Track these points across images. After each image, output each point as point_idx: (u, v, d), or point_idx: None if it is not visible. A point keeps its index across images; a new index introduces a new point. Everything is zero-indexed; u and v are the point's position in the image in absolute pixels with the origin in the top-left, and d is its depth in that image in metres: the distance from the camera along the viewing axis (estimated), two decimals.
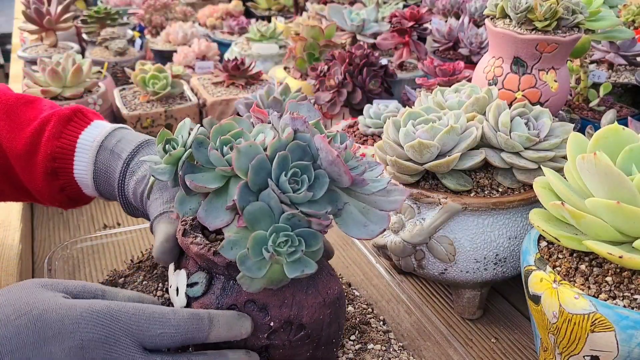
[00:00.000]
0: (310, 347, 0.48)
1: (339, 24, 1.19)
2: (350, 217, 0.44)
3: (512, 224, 0.59)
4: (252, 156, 0.41)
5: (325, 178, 0.42)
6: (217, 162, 0.44)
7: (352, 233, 0.44)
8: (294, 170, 0.42)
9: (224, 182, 0.44)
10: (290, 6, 1.91)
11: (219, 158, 0.43)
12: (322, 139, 0.42)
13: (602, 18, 0.75)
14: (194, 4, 1.97)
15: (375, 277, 0.66)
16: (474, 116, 0.62)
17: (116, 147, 0.60)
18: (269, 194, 0.41)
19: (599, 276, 0.46)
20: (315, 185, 0.42)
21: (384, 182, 0.46)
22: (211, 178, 0.44)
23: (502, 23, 0.68)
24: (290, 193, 0.41)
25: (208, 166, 0.45)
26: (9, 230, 0.77)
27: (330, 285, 0.49)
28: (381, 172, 0.48)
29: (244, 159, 0.42)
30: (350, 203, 0.45)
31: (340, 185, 0.43)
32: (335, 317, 0.49)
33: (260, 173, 0.42)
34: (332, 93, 0.99)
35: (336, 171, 0.42)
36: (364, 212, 0.45)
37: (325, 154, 0.42)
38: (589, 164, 0.44)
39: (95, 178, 0.61)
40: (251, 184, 0.42)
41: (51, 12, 1.31)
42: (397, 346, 0.58)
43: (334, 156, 0.41)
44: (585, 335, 0.45)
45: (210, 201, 0.45)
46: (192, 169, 0.45)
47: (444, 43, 1.25)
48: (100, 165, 0.60)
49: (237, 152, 0.41)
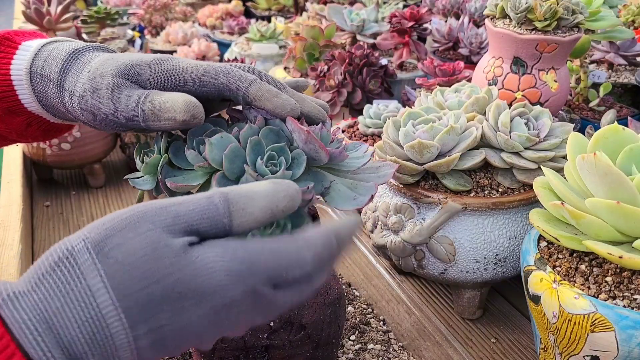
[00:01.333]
0: (310, 347, 0.48)
1: (338, 24, 1.19)
2: (338, 194, 0.44)
3: (512, 224, 0.59)
4: (224, 146, 0.42)
5: (302, 156, 0.43)
6: (195, 160, 0.44)
7: (340, 206, 0.44)
8: (270, 154, 0.42)
9: (205, 179, 0.45)
10: (290, 6, 1.91)
11: (195, 156, 0.44)
12: (292, 120, 0.43)
13: (602, 18, 0.75)
14: (193, 4, 1.97)
15: (375, 277, 0.66)
16: (474, 116, 0.62)
17: (43, 69, 0.52)
18: (246, 179, 0.42)
19: (599, 276, 0.46)
20: (293, 165, 0.43)
21: (367, 156, 0.46)
22: (192, 177, 0.45)
23: (502, 23, 0.68)
24: (269, 175, 0.42)
25: (188, 167, 0.45)
26: (9, 230, 0.77)
27: (331, 286, 0.49)
28: (365, 149, 0.48)
29: (217, 150, 0.42)
30: (337, 181, 0.45)
31: (319, 162, 0.43)
32: (335, 318, 0.49)
33: (235, 161, 0.42)
34: (332, 93, 0.99)
35: (312, 149, 0.42)
36: (352, 187, 0.45)
37: (298, 133, 0.42)
38: (589, 164, 0.44)
39: (44, 107, 0.53)
40: (228, 173, 0.42)
41: (51, 12, 1.31)
42: (397, 346, 0.58)
43: (306, 134, 0.42)
44: (585, 336, 0.45)
45: None
46: (172, 173, 0.45)
47: (443, 43, 1.25)
48: (39, 93, 0.52)
49: (209, 145, 0.42)
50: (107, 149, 1.00)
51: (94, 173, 1.00)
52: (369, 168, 0.47)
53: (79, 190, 1.00)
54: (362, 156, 0.46)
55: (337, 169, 0.45)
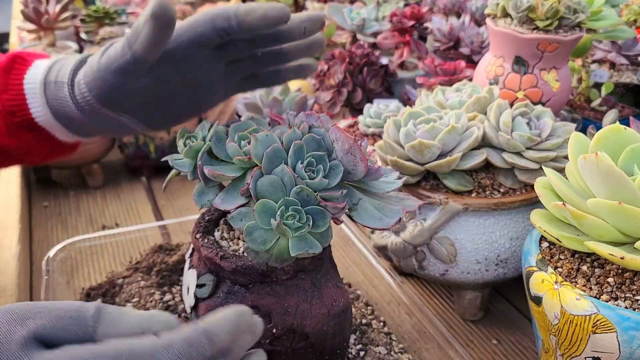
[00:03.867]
0: (314, 356, 0.48)
1: (339, 23, 1.18)
2: (365, 212, 0.45)
3: (514, 225, 0.59)
4: (268, 144, 0.43)
5: (339, 168, 0.43)
6: (235, 153, 0.45)
7: (366, 223, 0.45)
8: (310, 160, 0.43)
9: (242, 173, 0.46)
10: (290, 5, 1.90)
11: (236, 150, 0.45)
12: (338, 128, 0.43)
13: (603, 17, 0.74)
14: (193, 3, 1.96)
15: (376, 278, 0.65)
16: (475, 116, 0.62)
17: (58, 76, 0.55)
18: (282, 169, 0.42)
19: (601, 277, 0.46)
20: (330, 174, 0.43)
21: (398, 183, 0.47)
22: (229, 169, 0.46)
23: (503, 22, 0.68)
24: (307, 179, 0.42)
25: (226, 160, 0.47)
26: (7, 231, 0.77)
27: (336, 297, 0.49)
28: (396, 176, 0.49)
29: (261, 147, 0.43)
30: (365, 200, 0.46)
31: (355, 175, 0.44)
32: (340, 329, 0.49)
33: (275, 162, 0.43)
34: (332, 92, 0.99)
35: (351, 160, 0.43)
36: (379, 208, 0.46)
37: (342, 143, 0.43)
38: (591, 164, 0.44)
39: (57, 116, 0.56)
40: (265, 171, 0.43)
41: (49, 12, 1.30)
42: (398, 348, 0.58)
43: (351, 143, 0.42)
44: (587, 337, 0.44)
45: (227, 191, 0.46)
46: (210, 162, 0.47)
47: (444, 42, 1.25)
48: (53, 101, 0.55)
49: (254, 140, 0.43)
50: (105, 149, 1.00)
51: (93, 173, 0.99)
52: (394, 197, 0.48)
53: (78, 190, 0.99)
54: (393, 182, 0.48)
55: (366, 190, 0.46)
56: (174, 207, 0.94)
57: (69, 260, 0.68)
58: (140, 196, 0.97)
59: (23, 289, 0.69)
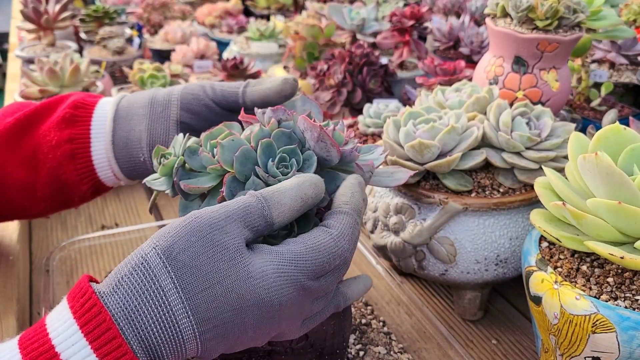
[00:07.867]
0: (313, 355, 0.48)
1: (338, 22, 1.18)
2: None
3: (513, 225, 0.59)
4: (235, 148, 0.43)
5: (313, 157, 0.43)
6: (208, 163, 0.45)
7: None
8: (281, 156, 0.43)
9: (218, 181, 0.45)
10: (290, 5, 1.90)
11: (209, 159, 0.45)
12: (304, 118, 0.43)
13: (603, 17, 0.74)
14: (192, 3, 1.96)
15: (376, 278, 0.65)
16: (475, 116, 0.62)
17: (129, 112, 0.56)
18: (253, 180, 0.42)
19: (600, 277, 0.46)
20: (304, 166, 0.43)
21: (382, 158, 0.47)
22: (204, 179, 0.46)
23: (502, 22, 0.68)
24: (280, 176, 0.42)
25: (202, 171, 0.46)
26: (7, 231, 0.77)
27: None
28: (381, 151, 0.48)
29: (228, 152, 0.43)
30: None
31: (331, 161, 0.44)
32: (339, 329, 0.49)
33: (245, 164, 0.43)
34: (331, 92, 0.99)
35: (324, 147, 0.43)
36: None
37: (310, 132, 0.43)
38: (590, 164, 0.44)
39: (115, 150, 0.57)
40: (238, 175, 0.42)
41: (49, 11, 1.30)
42: (398, 348, 0.58)
43: (319, 131, 0.42)
44: (587, 336, 0.44)
45: (208, 202, 0.46)
46: (187, 176, 0.47)
47: (444, 42, 1.25)
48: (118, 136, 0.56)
49: (220, 147, 0.43)
50: None
51: None
52: (384, 172, 0.47)
53: None
54: (377, 158, 0.47)
55: (351, 171, 0.46)
56: (174, 207, 0.93)
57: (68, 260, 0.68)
58: (140, 196, 0.97)
59: (23, 289, 0.69)
